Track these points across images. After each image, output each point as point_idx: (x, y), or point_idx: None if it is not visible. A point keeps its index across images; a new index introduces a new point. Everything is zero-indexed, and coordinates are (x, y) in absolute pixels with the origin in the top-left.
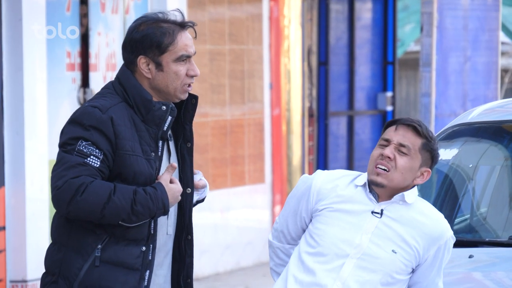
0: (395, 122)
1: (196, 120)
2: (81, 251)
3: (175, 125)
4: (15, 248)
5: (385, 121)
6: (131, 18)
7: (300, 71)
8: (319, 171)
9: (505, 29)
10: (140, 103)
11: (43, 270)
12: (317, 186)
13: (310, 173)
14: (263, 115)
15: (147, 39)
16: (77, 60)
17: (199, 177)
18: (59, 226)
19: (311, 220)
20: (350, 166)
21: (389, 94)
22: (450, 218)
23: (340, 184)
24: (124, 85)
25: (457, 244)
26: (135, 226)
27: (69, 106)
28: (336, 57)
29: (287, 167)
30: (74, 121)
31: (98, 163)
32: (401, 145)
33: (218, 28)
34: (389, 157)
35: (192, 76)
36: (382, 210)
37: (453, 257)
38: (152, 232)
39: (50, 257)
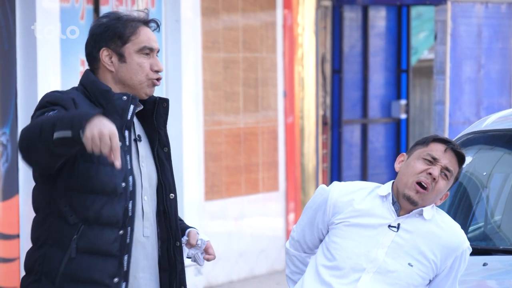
0: (444, 142)
1: (210, 128)
2: (60, 244)
3: (149, 130)
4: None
5: (399, 129)
6: None
7: (314, 79)
8: (335, 182)
9: None
10: (99, 95)
11: None
12: (333, 199)
13: (324, 181)
14: (277, 123)
15: (109, 30)
16: None
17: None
18: (38, 225)
19: (328, 231)
20: (364, 174)
21: (403, 102)
22: (464, 226)
23: (356, 198)
24: (84, 83)
25: (472, 252)
26: (108, 209)
27: None
28: (350, 65)
29: (301, 175)
30: (37, 107)
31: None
32: (448, 169)
33: (232, 36)
34: (434, 178)
35: (156, 71)
36: (399, 224)
37: (467, 265)
38: (130, 214)
39: (30, 257)
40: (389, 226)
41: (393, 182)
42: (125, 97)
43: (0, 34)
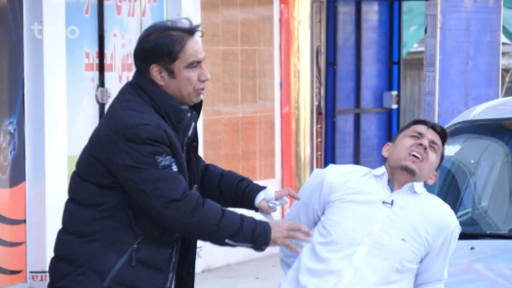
0: (425, 123)
1: (209, 117)
2: (116, 247)
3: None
4: (35, 240)
5: (391, 118)
6: (148, 20)
7: (309, 70)
8: (331, 165)
9: (505, 30)
10: (171, 114)
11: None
12: (329, 180)
13: (318, 168)
14: (273, 113)
15: (158, 48)
16: (95, 60)
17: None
18: (93, 221)
19: (323, 213)
20: (356, 162)
21: (394, 92)
22: (453, 210)
23: (352, 178)
24: (151, 95)
25: (459, 237)
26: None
27: (87, 105)
28: (344, 57)
29: (296, 162)
30: (133, 140)
31: (176, 168)
32: (434, 142)
33: (230, 29)
34: (425, 148)
35: (203, 81)
36: (392, 201)
37: (455, 248)
38: (178, 235)
39: (76, 248)
40: (383, 202)
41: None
42: (189, 114)
43: (8, 27)
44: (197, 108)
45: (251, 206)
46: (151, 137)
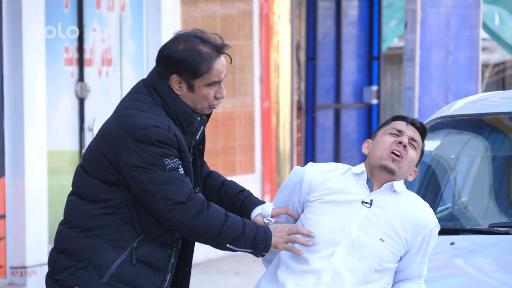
0: (404, 119)
1: None
2: (117, 244)
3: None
4: (14, 235)
5: (371, 114)
6: (127, 14)
7: (289, 65)
8: (311, 163)
9: (485, 26)
10: (182, 117)
11: (42, 257)
12: (308, 178)
13: (298, 164)
14: (253, 108)
15: (185, 63)
16: (74, 55)
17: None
18: (95, 216)
19: (303, 210)
20: (337, 157)
21: (374, 88)
22: (433, 206)
23: (331, 177)
24: (162, 96)
25: (439, 232)
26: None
27: (67, 100)
28: (324, 52)
29: (276, 157)
30: (143, 141)
31: (183, 171)
32: (414, 140)
33: (210, 24)
34: (404, 146)
35: (219, 98)
36: (371, 200)
37: (435, 244)
38: (178, 236)
39: (77, 242)
40: (362, 202)
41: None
42: (199, 118)
43: None
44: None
45: (247, 218)
46: (161, 139)
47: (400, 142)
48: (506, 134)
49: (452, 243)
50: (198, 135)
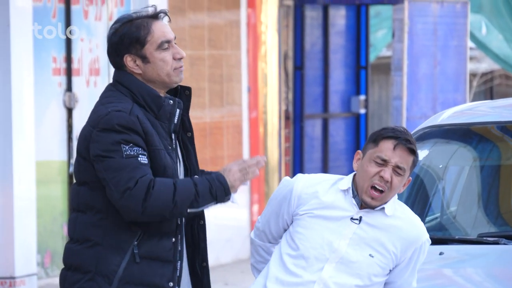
0: (393, 138)
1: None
2: (117, 248)
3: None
4: (3, 245)
5: (359, 123)
6: None
7: (277, 75)
8: (299, 175)
9: (472, 36)
10: (150, 101)
11: (31, 267)
12: (298, 191)
13: (286, 174)
14: (241, 118)
15: (126, 37)
16: (62, 65)
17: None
18: (90, 226)
19: (292, 222)
20: (325, 166)
21: (362, 97)
22: (421, 216)
23: (320, 190)
24: (128, 86)
25: None
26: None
27: (55, 109)
28: (311, 62)
29: (264, 167)
30: (105, 128)
31: (147, 160)
32: (399, 167)
33: (197, 34)
34: (387, 181)
35: (179, 59)
36: (361, 217)
37: None
38: (179, 223)
39: (80, 255)
40: (351, 218)
41: (354, 175)
42: (171, 101)
43: None
44: (185, 96)
45: None
46: (122, 123)
47: (381, 176)
48: (495, 144)
49: (441, 253)
50: (176, 118)
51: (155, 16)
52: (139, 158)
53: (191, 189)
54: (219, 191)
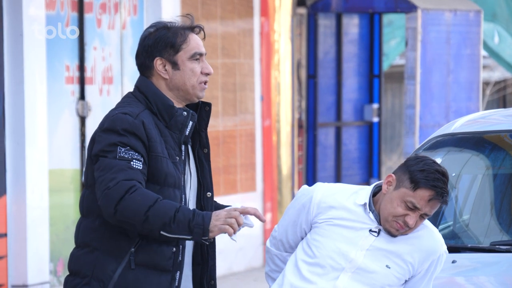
0: (431, 190)
1: None
2: (115, 254)
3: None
4: (16, 254)
5: (372, 132)
6: (128, 33)
7: (290, 83)
8: (319, 183)
9: (484, 44)
10: (163, 109)
11: (44, 275)
12: (317, 199)
13: (299, 182)
14: (254, 126)
15: (161, 41)
16: (75, 73)
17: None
18: (90, 231)
19: (310, 230)
20: (337, 175)
21: (375, 106)
22: (435, 224)
23: (340, 199)
24: (144, 93)
25: None
26: None
27: (68, 118)
28: (324, 70)
29: (277, 176)
30: (107, 129)
31: (141, 165)
32: (426, 214)
33: (211, 42)
34: (410, 227)
35: (206, 74)
36: (379, 230)
37: None
38: None
39: (80, 260)
40: (370, 230)
41: (373, 191)
42: (185, 113)
43: None
44: (205, 112)
45: None
46: (124, 126)
47: (406, 221)
48: (507, 152)
49: (453, 261)
50: (187, 130)
51: (192, 28)
52: (131, 162)
53: (169, 212)
54: (197, 228)
